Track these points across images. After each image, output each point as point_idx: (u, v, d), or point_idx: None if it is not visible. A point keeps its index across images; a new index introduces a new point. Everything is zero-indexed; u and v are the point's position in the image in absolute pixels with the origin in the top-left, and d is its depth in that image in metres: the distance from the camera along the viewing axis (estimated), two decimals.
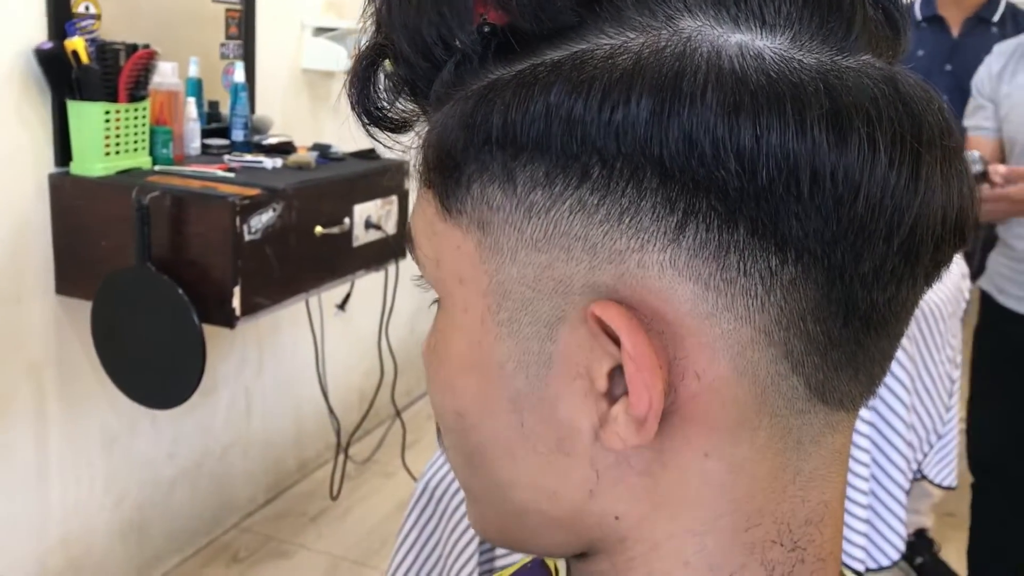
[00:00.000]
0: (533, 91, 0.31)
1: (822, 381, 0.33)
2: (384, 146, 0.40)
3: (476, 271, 0.34)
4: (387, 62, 0.37)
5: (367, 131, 0.39)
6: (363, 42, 0.38)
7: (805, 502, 0.35)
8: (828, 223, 0.30)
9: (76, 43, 1.75)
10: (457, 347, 0.36)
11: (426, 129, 0.36)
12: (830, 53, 0.31)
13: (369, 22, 0.37)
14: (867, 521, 1.38)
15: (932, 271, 0.34)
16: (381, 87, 0.37)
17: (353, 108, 0.38)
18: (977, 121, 1.90)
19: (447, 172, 0.34)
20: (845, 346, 0.33)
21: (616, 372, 0.32)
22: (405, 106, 0.38)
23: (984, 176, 1.63)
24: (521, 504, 0.36)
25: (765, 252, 0.30)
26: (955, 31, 2.39)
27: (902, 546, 1.43)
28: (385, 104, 0.37)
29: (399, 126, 0.38)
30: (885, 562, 1.41)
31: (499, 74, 0.33)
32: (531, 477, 0.35)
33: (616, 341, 0.31)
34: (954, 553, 2.42)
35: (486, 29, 0.33)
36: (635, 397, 0.31)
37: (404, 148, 0.38)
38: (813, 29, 0.31)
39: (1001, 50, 1.89)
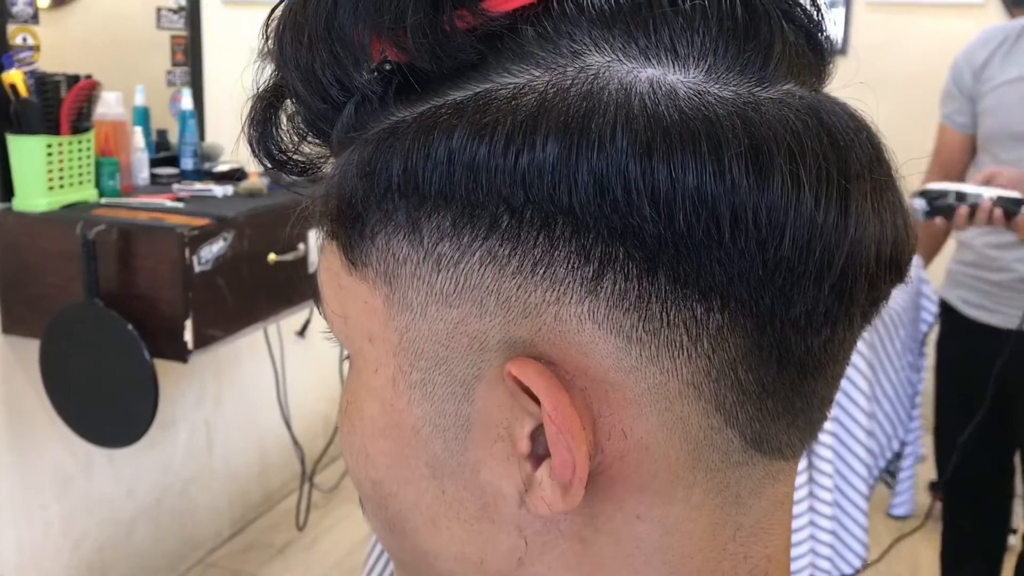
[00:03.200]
0: (433, 135, 0.29)
1: (759, 431, 0.31)
2: (289, 188, 0.37)
3: (385, 328, 0.32)
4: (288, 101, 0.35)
5: (270, 175, 0.37)
6: (260, 81, 0.35)
7: (747, 558, 0.33)
8: (753, 267, 0.28)
9: (14, 76, 1.71)
10: (369, 410, 0.33)
11: (327, 176, 0.33)
12: (748, 85, 0.29)
13: (266, 60, 0.34)
14: (832, 532, 1.37)
15: (869, 309, 0.32)
16: (284, 128, 0.35)
17: (254, 152, 0.36)
18: (950, 111, 1.81)
19: (349, 223, 0.32)
20: (781, 394, 0.31)
21: (539, 432, 0.30)
22: (311, 147, 0.35)
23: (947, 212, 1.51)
24: (447, 574, 0.34)
25: (689, 300, 0.28)
26: None
27: (864, 553, 1.42)
28: (289, 146, 0.35)
29: (305, 169, 0.36)
30: (847, 570, 1.40)
31: (401, 116, 0.31)
32: (456, 546, 0.33)
33: (537, 400, 0.29)
34: (927, 556, 2.43)
35: (385, 68, 0.31)
36: (558, 461, 0.29)
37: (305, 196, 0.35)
38: (729, 60, 0.29)
39: (986, 39, 1.75)
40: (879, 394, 1.53)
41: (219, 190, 1.99)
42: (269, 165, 0.36)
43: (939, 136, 1.86)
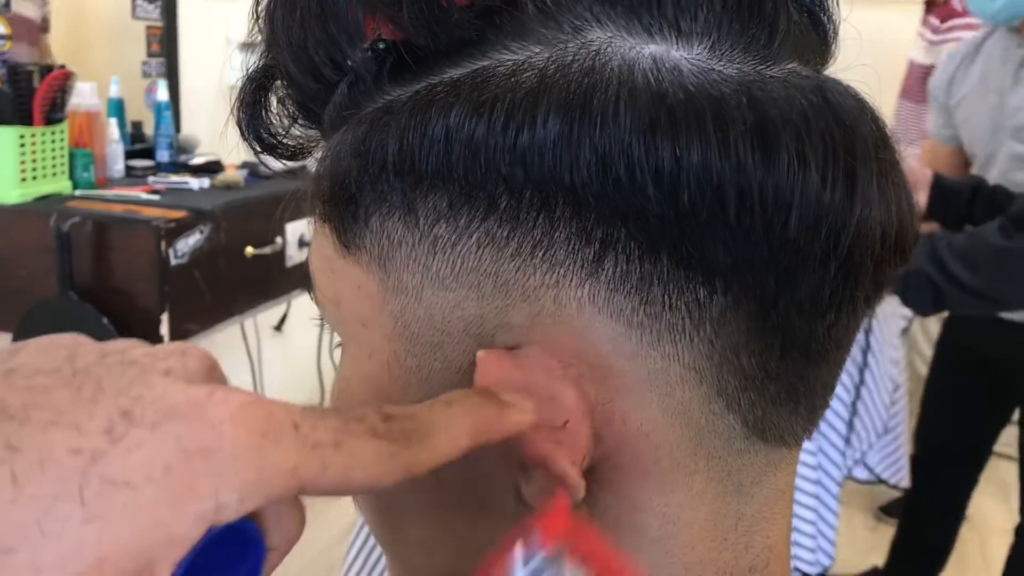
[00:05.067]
0: (430, 113, 0.28)
1: (760, 418, 0.30)
2: (275, 171, 0.36)
3: (379, 313, 0.31)
4: (279, 83, 0.34)
5: (259, 159, 0.36)
6: (251, 62, 0.34)
7: (749, 548, 0.32)
8: (758, 248, 0.27)
9: None
10: (362, 397, 0.32)
11: (319, 157, 0.33)
12: (753, 63, 0.28)
13: (256, 40, 0.33)
14: (813, 523, 1.37)
15: (873, 294, 0.31)
16: (273, 110, 0.34)
17: (243, 135, 0.35)
18: (936, 125, 1.84)
19: (342, 205, 0.31)
20: (783, 379, 0.30)
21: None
22: (302, 131, 0.34)
23: None
24: (443, 567, 0.33)
25: (692, 283, 0.28)
26: None
27: (832, 550, 1.42)
28: (279, 129, 0.34)
29: (296, 152, 0.35)
30: (826, 562, 1.40)
31: (395, 95, 0.30)
32: (452, 538, 0.32)
33: None
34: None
35: (380, 46, 0.30)
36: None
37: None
38: (733, 37, 0.28)
39: (952, 55, 1.78)
40: (862, 389, 1.54)
41: (195, 182, 1.96)
42: (259, 149, 0.35)
43: (931, 144, 1.88)
